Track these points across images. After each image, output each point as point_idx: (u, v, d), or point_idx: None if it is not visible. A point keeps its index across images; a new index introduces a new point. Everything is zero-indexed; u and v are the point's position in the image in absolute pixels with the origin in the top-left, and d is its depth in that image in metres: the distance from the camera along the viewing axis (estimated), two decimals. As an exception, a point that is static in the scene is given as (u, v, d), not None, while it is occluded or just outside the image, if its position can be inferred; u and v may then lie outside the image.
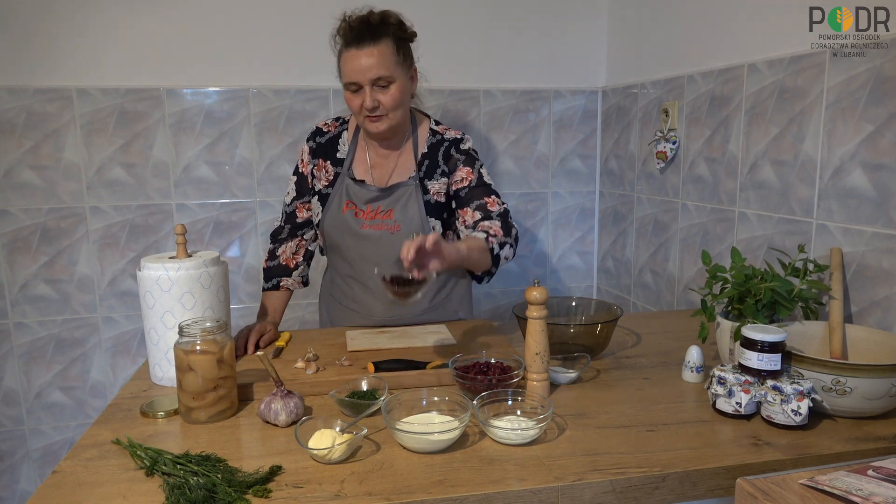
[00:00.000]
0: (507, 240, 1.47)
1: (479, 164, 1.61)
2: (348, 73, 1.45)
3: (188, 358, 1.12)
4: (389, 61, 1.45)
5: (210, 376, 1.12)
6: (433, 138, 1.60)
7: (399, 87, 1.47)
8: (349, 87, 1.47)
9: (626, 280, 2.32)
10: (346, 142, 1.63)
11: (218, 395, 1.13)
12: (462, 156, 1.59)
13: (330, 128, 1.66)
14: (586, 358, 1.30)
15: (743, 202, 1.68)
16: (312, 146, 1.65)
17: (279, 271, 1.68)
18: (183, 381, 1.13)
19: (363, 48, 1.43)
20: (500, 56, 2.32)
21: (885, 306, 1.29)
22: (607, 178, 2.43)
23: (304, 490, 0.90)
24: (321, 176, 1.63)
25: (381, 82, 1.45)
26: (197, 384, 1.12)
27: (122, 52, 2.06)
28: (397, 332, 1.57)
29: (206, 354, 1.12)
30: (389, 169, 1.60)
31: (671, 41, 1.98)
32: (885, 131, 1.27)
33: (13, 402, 2.16)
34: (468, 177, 1.57)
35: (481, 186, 1.57)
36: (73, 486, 0.92)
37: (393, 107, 1.48)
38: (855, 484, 0.76)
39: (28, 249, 2.09)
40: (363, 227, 1.58)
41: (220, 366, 1.13)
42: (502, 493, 0.89)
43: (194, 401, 1.12)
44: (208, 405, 1.13)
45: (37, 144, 2.05)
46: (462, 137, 1.62)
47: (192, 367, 1.12)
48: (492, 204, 1.54)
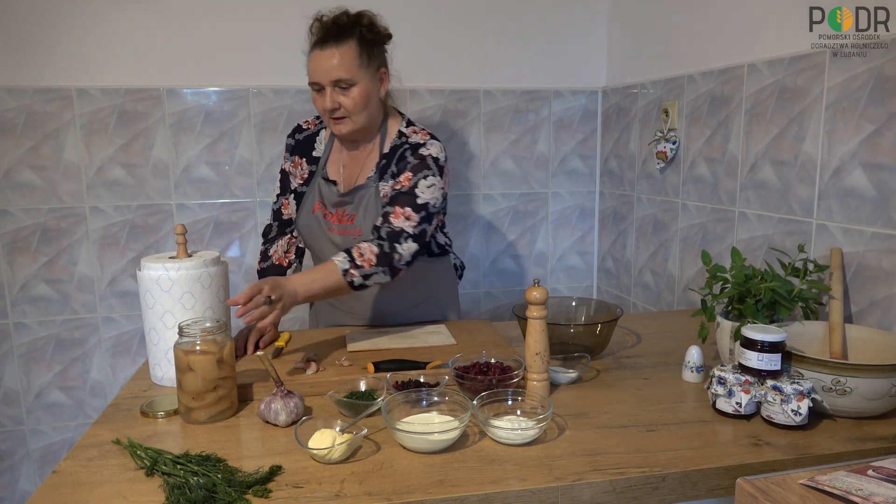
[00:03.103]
0: (377, 269, 1.41)
1: (425, 174, 1.48)
2: (311, 73, 1.46)
3: (188, 358, 1.12)
4: (351, 64, 1.43)
5: (210, 377, 1.12)
6: (398, 140, 1.55)
7: (361, 89, 1.45)
8: (313, 86, 1.47)
9: (626, 280, 2.32)
10: (323, 140, 1.63)
11: (218, 395, 1.13)
12: (415, 160, 1.50)
13: (310, 125, 1.66)
14: (586, 358, 1.30)
15: (743, 202, 1.68)
16: (291, 143, 1.66)
17: (273, 271, 1.69)
18: (183, 382, 1.13)
19: (326, 49, 1.43)
20: (500, 56, 2.32)
21: (885, 306, 1.29)
22: (607, 178, 2.43)
23: (304, 490, 0.90)
24: (297, 173, 1.64)
25: (342, 84, 1.44)
26: (197, 384, 1.12)
27: (122, 52, 2.06)
28: (397, 331, 1.57)
29: (205, 355, 1.12)
30: (357, 171, 1.59)
31: (671, 41, 1.98)
32: (885, 131, 1.27)
33: (13, 402, 2.16)
34: (404, 182, 1.48)
35: (406, 195, 1.47)
36: (73, 486, 0.92)
37: (354, 109, 1.46)
38: (855, 484, 0.76)
39: (28, 249, 2.09)
40: (331, 231, 1.57)
41: (220, 366, 1.13)
42: (502, 493, 0.89)
43: (194, 401, 1.12)
44: (208, 405, 1.13)
45: (37, 144, 2.05)
46: (424, 142, 1.52)
47: (191, 368, 1.11)
48: (396, 216, 1.45)
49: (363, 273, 1.40)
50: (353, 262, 1.39)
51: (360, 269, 1.39)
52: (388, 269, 1.43)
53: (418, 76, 2.26)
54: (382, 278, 1.44)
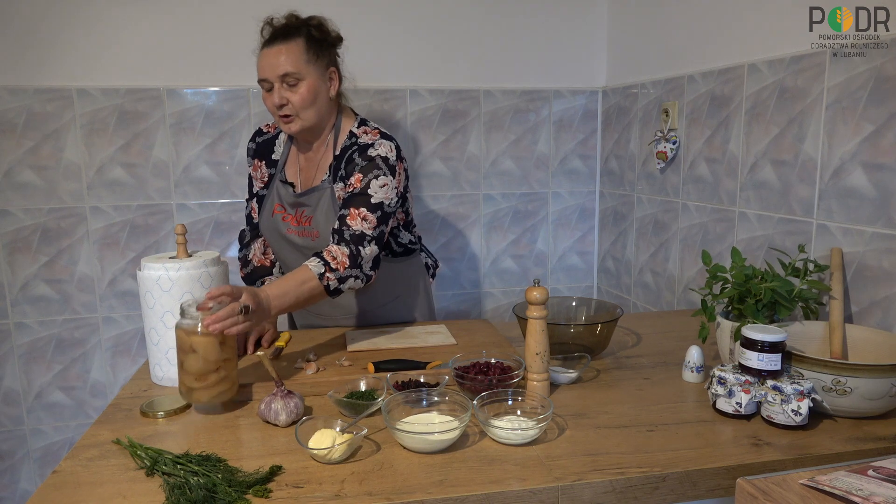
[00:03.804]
0: (352, 272, 1.39)
1: (376, 174, 1.46)
2: (259, 70, 1.47)
3: (190, 339, 1.12)
4: (298, 59, 1.44)
5: (212, 358, 1.13)
6: (348, 141, 1.54)
7: (308, 86, 1.45)
8: (262, 84, 1.48)
9: (626, 280, 2.32)
10: (282, 143, 1.64)
11: (220, 376, 1.14)
12: (363, 161, 1.47)
13: (270, 129, 1.67)
14: (586, 358, 1.30)
15: (743, 202, 1.68)
16: (252, 147, 1.67)
17: (260, 272, 1.70)
18: (185, 363, 1.13)
19: (273, 46, 1.45)
20: (500, 56, 2.32)
21: (885, 306, 1.29)
22: (607, 178, 2.43)
23: (304, 490, 0.90)
24: (257, 177, 1.65)
25: (289, 80, 1.44)
26: (199, 365, 1.12)
27: (122, 52, 2.06)
28: (397, 332, 1.57)
29: (207, 336, 1.12)
30: (312, 172, 1.58)
31: (671, 41, 1.98)
32: (886, 131, 1.27)
33: (13, 402, 2.16)
34: (356, 184, 1.46)
35: (359, 196, 1.45)
36: (73, 486, 0.92)
37: (302, 106, 1.46)
38: (855, 484, 0.76)
39: (28, 249, 2.09)
40: (289, 233, 1.57)
41: (223, 348, 1.14)
42: (502, 493, 0.89)
43: (196, 382, 1.13)
44: (209, 386, 1.13)
45: (37, 144, 2.05)
46: (373, 143, 1.49)
47: (194, 349, 1.12)
48: (352, 217, 1.42)
49: (338, 276, 1.37)
50: (328, 266, 1.37)
51: (335, 273, 1.37)
52: (360, 272, 1.41)
53: (418, 76, 2.26)
54: (355, 283, 1.42)
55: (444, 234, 2.39)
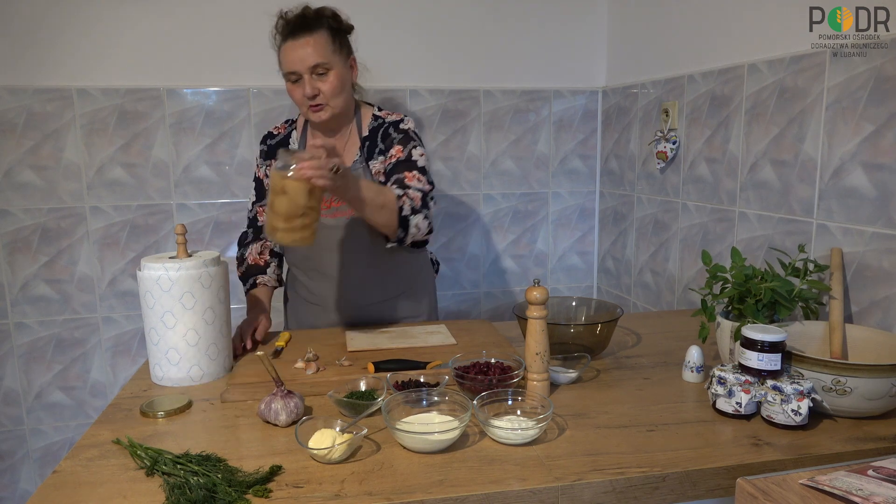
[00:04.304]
0: (422, 211, 1.47)
1: (414, 144, 1.59)
2: (287, 63, 1.51)
3: (283, 182, 1.20)
4: (326, 49, 1.50)
5: (300, 202, 1.20)
6: (374, 122, 1.64)
7: (337, 74, 1.52)
8: (289, 77, 1.53)
9: (626, 280, 2.32)
10: (295, 140, 1.69)
11: (303, 222, 1.23)
12: (399, 135, 1.60)
13: (279, 130, 1.73)
14: (586, 358, 1.30)
15: (743, 202, 1.68)
16: (264, 149, 1.71)
17: (253, 271, 1.71)
18: (275, 203, 1.22)
19: (299, 38, 1.49)
20: (500, 56, 2.32)
21: (885, 306, 1.29)
22: (607, 178, 2.43)
23: (304, 490, 0.90)
24: None
25: (319, 70, 1.50)
26: (287, 207, 1.21)
27: (122, 52, 2.06)
28: (397, 332, 1.57)
29: (298, 182, 1.19)
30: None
31: (671, 41, 1.98)
32: (886, 131, 1.27)
33: (13, 402, 2.16)
34: (397, 154, 1.58)
35: (406, 162, 1.55)
36: (73, 486, 0.92)
37: (332, 94, 1.52)
38: (855, 484, 0.76)
39: (28, 249, 2.09)
40: (322, 217, 1.57)
41: (310, 196, 1.21)
42: (502, 493, 0.89)
43: (283, 222, 1.22)
44: (293, 230, 1.23)
45: (37, 144, 2.05)
46: (402, 119, 1.64)
47: (285, 191, 1.20)
48: (410, 178, 1.52)
49: (412, 206, 1.45)
50: (406, 195, 1.46)
51: (411, 203, 1.45)
52: (427, 215, 1.49)
53: (418, 76, 2.26)
54: (422, 224, 1.47)
55: (444, 234, 2.39)
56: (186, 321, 1.27)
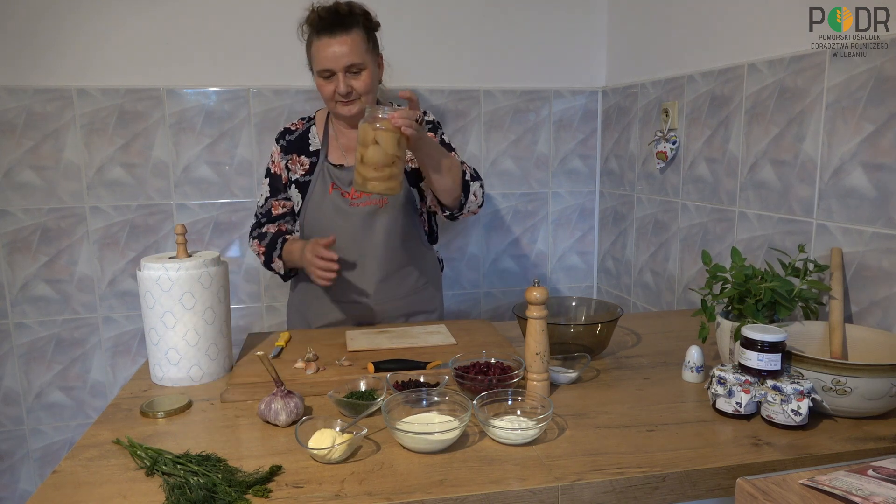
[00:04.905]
0: (479, 181, 1.62)
1: (441, 132, 1.72)
2: (322, 60, 1.54)
3: (374, 133, 1.31)
4: (361, 49, 1.55)
5: (390, 151, 1.32)
6: None
7: (370, 73, 1.58)
8: (322, 73, 1.56)
9: (626, 280, 2.32)
10: (315, 135, 1.72)
11: (392, 171, 1.34)
12: (427, 125, 1.70)
13: (297, 126, 1.75)
14: (586, 358, 1.30)
15: (743, 202, 1.68)
16: (283, 144, 1.73)
17: (278, 236, 1.69)
18: (365, 155, 1.33)
19: (336, 36, 1.53)
20: (500, 56, 2.32)
21: (885, 306, 1.29)
22: (607, 178, 2.43)
23: (304, 490, 0.90)
24: (296, 168, 1.70)
25: (354, 69, 1.56)
26: (378, 156, 1.32)
27: (122, 52, 2.06)
28: (397, 332, 1.57)
29: (388, 131, 1.32)
30: None
31: (671, 41, 1.98)
32: (885, 131, 1.27)
33: (13, 402, 2.16)
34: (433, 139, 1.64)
35: (443, 145, 1.66)
36: (73, 486, 0.92)
37: (365, 91, 1.58)
38: (855, 484, 0.76)
39: (28, 249, 2.09)
40: (352, 206, 1.64)
41: (398, 146, 1.33)
42: (502, 493, 0.89)
43: (374, 171, 1.33)
44: (383, 179, 1.33)
45: (37, 144, 2.05)
46: (425, 112, 1.73)
47: (376, 141, 1.31)
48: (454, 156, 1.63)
49: (472, 174, 1.60)
50: (464, 162, 1.60)
51: (470, 170, 1.60)
52: (482, 185, 1.62)
53: (418, 76, 2.26)
54: (479, 192, 1.61)
55: (445, 235, 2.39)
56: (186, 321, 1.27)
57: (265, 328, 2.28)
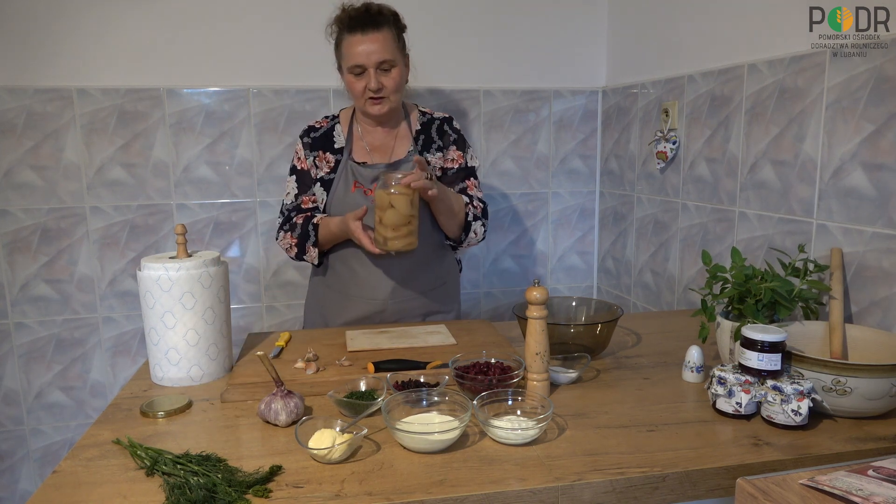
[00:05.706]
0: (483, 220, 1.71)
1: (468, 147, 1.77)
2: (354, 56, 1.57)
3: (389, 197, 1.43)
4: (392, 46, 1.58)
5: (405, 212, 1.43)
6: (423, 118, 1.75)
7: (399, 71, 1.61)
8: (353, 70, 1.58)
9: (626, 280, 2.32)
10: (340, 133, 1.73)
11: (409, 229, 1.46)
12: (454, 134, 1.75)
13: (321, 124, 1.76)
14: (586, 358, 1.30)
15: (743, 202, 1.68)
16: (308, 141, 1.73)
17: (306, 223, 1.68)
18: (384, 218, 1.45)
19: (368, 34, 1.56)
20: (500, 56, 2.32)
21: (885, 306, 1.29)
22: (607, 178, 2.43)
23: (304, 490, 0.90)
24: (322, 165, 1.71)
25: (385, 66, 1.58)
26: (395, 218, 1.43)
27: (122, 52, 2.06)
28: (397, 332, 1.57)
29: (402, 194, 1.43)
30: (389, 149, 1.72)
31: (671, 41, 1.98)
32: (886, 131, 1.27)
33: (13, 402, 2.16)
34: (458, 160, 1.74)
35: (467, 169, 1.75)
36: (73, 486, 0.92)
37: (394, 89, 1.61)
38: (855, 484, 0.76)
39: (28, 249, 2.09)
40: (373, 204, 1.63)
41: (411, 206, 1.44)
42: (502, 493, 0.89)
43: (392, 232, 1.44)
44: (401, 237, 1.45)
45: (37, 144, 2.05)
46: (450, 117, 1.78)
47: (392, 205, 1.42)
48: (471, 188, 1.73)
49: (475, 214, 1.68)
50: (471, 203, 1.69)
51: (474, 210, 1.68)
52: (485, 224, 1.71)
53: (418, 76, 2.26)
54: (480, 231, 1.69)
55: (444, 234, 2.39)
56: (186, 321, 1.27)
57: (265, 328, 2.28)
